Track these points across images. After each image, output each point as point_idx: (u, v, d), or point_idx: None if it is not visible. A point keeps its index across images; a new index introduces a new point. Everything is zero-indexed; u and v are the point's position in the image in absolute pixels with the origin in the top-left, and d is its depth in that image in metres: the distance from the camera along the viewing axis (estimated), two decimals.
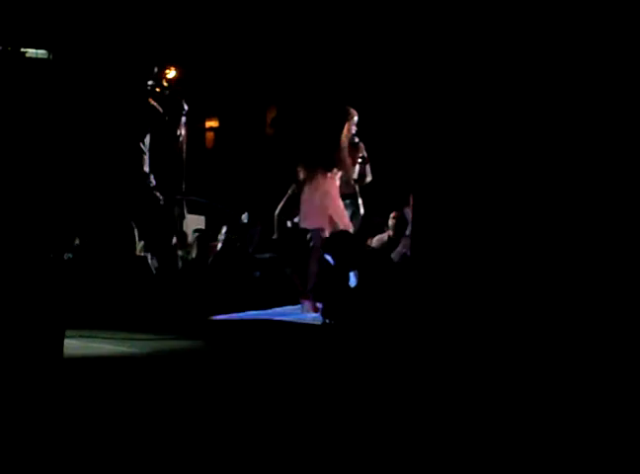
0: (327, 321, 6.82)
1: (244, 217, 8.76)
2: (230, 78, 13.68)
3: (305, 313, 7.49)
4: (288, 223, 8.86)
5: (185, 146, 7.66)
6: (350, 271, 6.77)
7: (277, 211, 8.52)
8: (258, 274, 8.50)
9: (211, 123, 14.10)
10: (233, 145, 13.42)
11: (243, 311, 7.49)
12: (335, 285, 7.14)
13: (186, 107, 7.27)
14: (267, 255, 8.59)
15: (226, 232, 8.73)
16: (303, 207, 7.58)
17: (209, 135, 14.07)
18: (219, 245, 8.41)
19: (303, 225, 7.64)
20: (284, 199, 8.29)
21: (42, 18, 7.08)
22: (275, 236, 8.61)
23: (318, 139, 7.62)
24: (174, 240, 7.42)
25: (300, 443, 3.32)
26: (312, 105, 8.64)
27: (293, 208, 7.77)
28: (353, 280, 7.59)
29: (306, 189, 7.53)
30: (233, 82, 13.62)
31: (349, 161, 7.51)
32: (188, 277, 7.18)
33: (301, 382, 4.65)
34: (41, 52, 7.18)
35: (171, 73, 7.67)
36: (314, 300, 7.41)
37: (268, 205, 9.58)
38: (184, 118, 7.27)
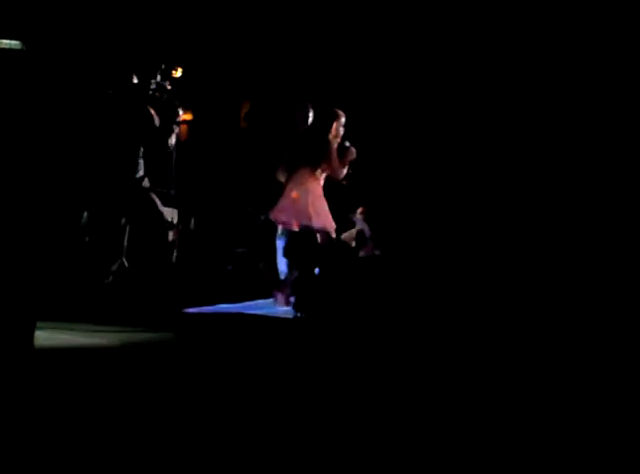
0: (299, 315, 6.86)
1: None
2: (204, 72, 13.67)
3: (278, 306, 7.52)
4: (262, 217, 8.91)
5: (175, 154, 7.63)
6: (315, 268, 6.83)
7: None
8: (230, 267, 8.54)
9: (185, 117, 14.08)
10: (207, 138, 13.39)
11: (215, 304, 7.52)
12: (305, 280, 7.19)
13: (181, 113, 7.28)
14: (240, 249, 8.62)
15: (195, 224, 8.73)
16: (284, 204, 7.57)
17: (183, 128, 14.00)
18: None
19: (283, 221, 7.66)
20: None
21: (17, 7, 7.02)
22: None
23: (305, 138, 7.64)
24: (170, 236, 7.38)
25: (271, 436, 3.35)
26: (292, 102, 8.62)
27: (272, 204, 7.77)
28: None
29: (290, 186, 7.54)
30: (207, 76, 13.62)
31: (337, 162, 7.52)
32: (162, 270, 7.17)
33: (272, 375, 4.68)
34: (15, 43, 7.13)
35: (178, 73, 7.61)
36: (287, 294, 7.44)
37: (242, 199, 9.62)
38: (176, 128, 7.26)
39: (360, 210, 8.09)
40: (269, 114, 10.77)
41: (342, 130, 7.64)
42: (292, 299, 7.31)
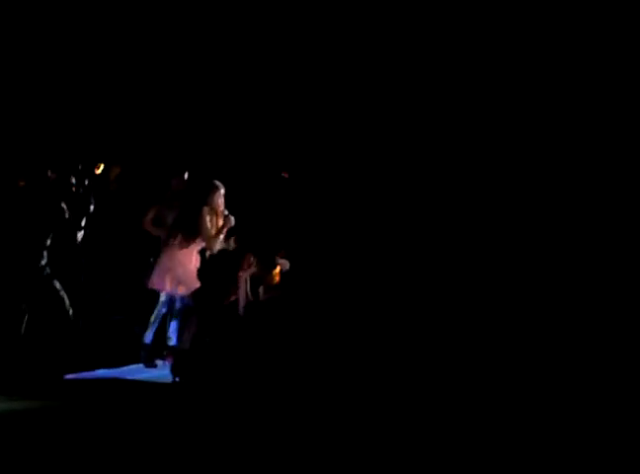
0: (176, 379, 7.05)
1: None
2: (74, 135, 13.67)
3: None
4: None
5: (81, 245, 7.77)
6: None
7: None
8: (106, 333, 8.66)
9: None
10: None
11: (93, 370, 7.61)
12: (185, 343, 7.40)
13: (92, 207, 7.44)
14: (117, 316, 8.76)
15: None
16: (157, 271, 7.80)
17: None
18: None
19: (159, 287, 7.87)
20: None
21: None
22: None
23: (182, 208, 7.87)
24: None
25: None
26: (168, 167, 8.81)
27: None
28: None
29: (166, 252, 7.77)
30: (76, 139, 13.61)
31: (209, 234, 7.77)
32: (38, 336, 7.23)
33: (147, 439, 4.88)
34: None
35: (99, 170, 7.76)
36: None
37: (115, 265, 9.73)
38: (84, 221, 7.44)
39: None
40: (140, 177, 10.92)
41: (221, 202, 7.90)
42: (168, 362, 7.51)
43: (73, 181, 7.46)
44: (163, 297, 7.98)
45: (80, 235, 7.47)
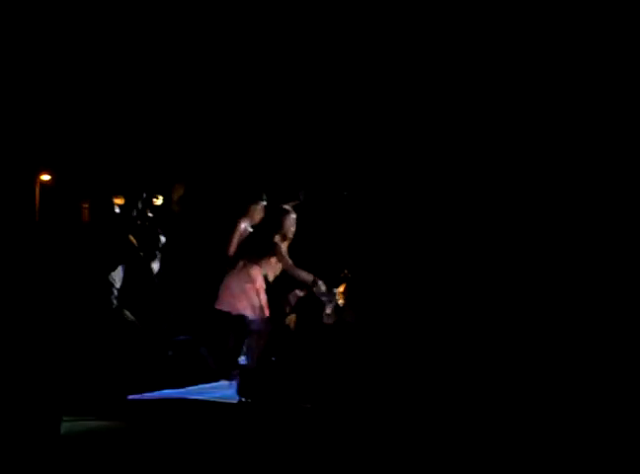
0: (243, 399, 6.87)
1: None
2: (135, 156, 13.74)
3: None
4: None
5: (156, 280, 7.76)
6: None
7: None
8: (171, 353, 8.53)
9: (118, 201, 14.10)
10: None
11: (158, 390, 7.49)
12: (251, 364, 7.26)
13: (163, 239, 7.42)
14: (182, 337, 8.65)
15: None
16: (222, 293, 7.67)
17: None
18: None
19: (228, 309, 7.75)
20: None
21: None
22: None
23: (254, 235, 7.80)
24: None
25: None
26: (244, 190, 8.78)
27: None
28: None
29: (234, 274, 7.64)
30: (139, 160, 13.68)
31: (288, 261, 7.62)
32: (102, 357, 7.12)
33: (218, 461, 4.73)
34: None
35: (159, 201, 7.79)
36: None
37: (179, 284, 9.64)
38: (159, 254, 7.38)
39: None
40: (206, 198, 10.87)
41: (293, 228, 7.75)
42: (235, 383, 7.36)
43: (135, 214, 7.40)
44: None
45: (156, 267, 7.41)
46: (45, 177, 17.90)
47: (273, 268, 7.66)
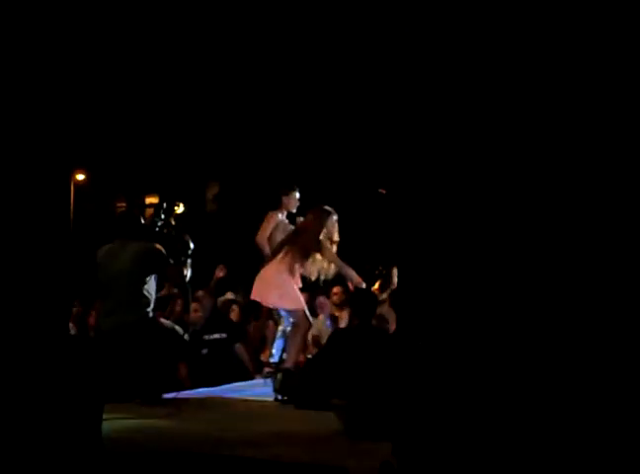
0: (279, 397, 6.84)
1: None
2: (169, 155, 13.77)
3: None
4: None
5: (189, 286, 7.84)
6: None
7: None
8: (205, 351, 8.56)
9: (151, 200, 14.13)
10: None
11: (194, 389, 7.49)
12: (289, 361, 7.23)
13: (192, 245, 7.48)
14: (216, 335, 8.66)
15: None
16: (265, 284, 7.60)
17: (149, 212, 14.04)
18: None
19: (261, 300, 7.71)
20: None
21: None
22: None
23: (297, 232, 7.76)
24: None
25: None
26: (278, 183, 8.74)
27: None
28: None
29: (271, 267, 7.57)
30: (172, 158, 13.71)
31: (337, 259, 7.57)
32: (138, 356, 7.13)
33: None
34: None
35: (180, 209, 7.86)
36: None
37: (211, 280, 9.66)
38: (189, 260, 7.45)
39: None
40: (240, 195, 10.90)
41: (335, 229, 7.66)
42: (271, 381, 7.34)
43: (159, 224, 7.44)
44: (283, 313, 7.85)
45: (188, 273, 7.45)
46: (80, 176, 18.02)
47: (316, 266, 7.58)
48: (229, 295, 9.76)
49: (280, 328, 8.33)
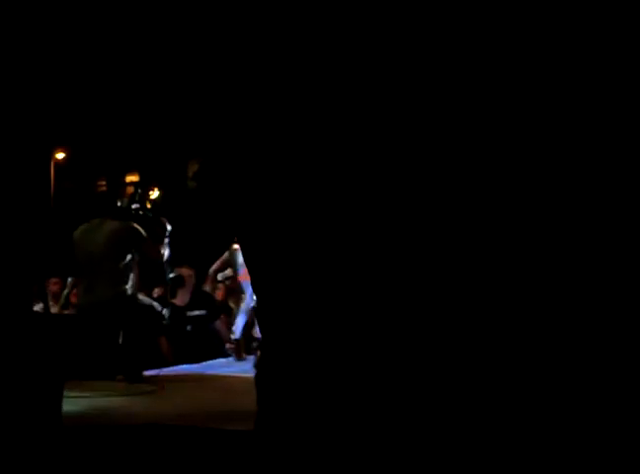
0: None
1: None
2: (149, 133, 13.76)
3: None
4: (219, 276, 9.10)
5: (167, 265, 7.95)
6: None
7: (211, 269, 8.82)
8: (190, 328, 8.62)
9: (132, 178, 14.16)
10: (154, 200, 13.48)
11: (174, 366, 7.55)
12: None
13: (169, 227, 7.60)
14: (197, 312, 8.72)
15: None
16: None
17: (129, 190, 14.06)
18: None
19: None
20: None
21: None
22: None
23: None
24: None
25: None
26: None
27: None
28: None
29: None
30: (153, 136, 13.70)
31: None
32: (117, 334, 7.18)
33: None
34: None
35: (154, 194, 8.00)
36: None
37: (193, 259, 9.70)
38: (167, 239, 7.60)
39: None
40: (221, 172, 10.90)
41: None
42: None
43: (135, 207, 7.55)
44: (249, 289, 7.89)
45: (167, 253, 7.56)
46: (60, 155, 17.98)
47: None
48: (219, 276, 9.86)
49: (243, 305, 8.36)
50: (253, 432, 3.53)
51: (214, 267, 9.09)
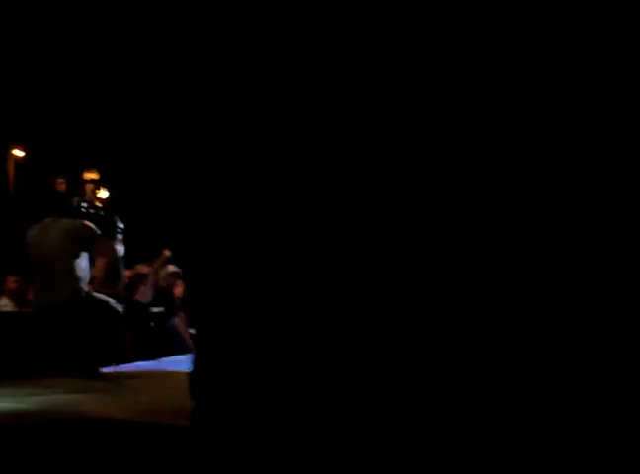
0: None
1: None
2: (108, 129, 13.73)
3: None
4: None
5: (122, 261, 8.03)
6: None
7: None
8: (153, 324, 8.68)
9: (91, 175, 14.09)
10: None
11: (131, 362, 7.57)
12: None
13: (121, 225, 7.70)
14: (155, 309, 8.77)
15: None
16: None
17: (89, 187, 14.04)
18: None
19: None
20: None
21: None
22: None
23: None
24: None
25: None
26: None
27: None
28: None
29: None
30: (111, 133, 13.68)
31: None
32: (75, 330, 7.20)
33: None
34: None
35: (102, 193, 8.09)
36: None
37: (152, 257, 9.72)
38: (120, 236, 7.74)
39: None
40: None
41: None
42: None
43: (85, 206, 7.78)
44: None
45: (122, 249, 7.79)
46: (19, 153, 17.85)
47: None
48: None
49: None
50: (188, 427, 3.60)
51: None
